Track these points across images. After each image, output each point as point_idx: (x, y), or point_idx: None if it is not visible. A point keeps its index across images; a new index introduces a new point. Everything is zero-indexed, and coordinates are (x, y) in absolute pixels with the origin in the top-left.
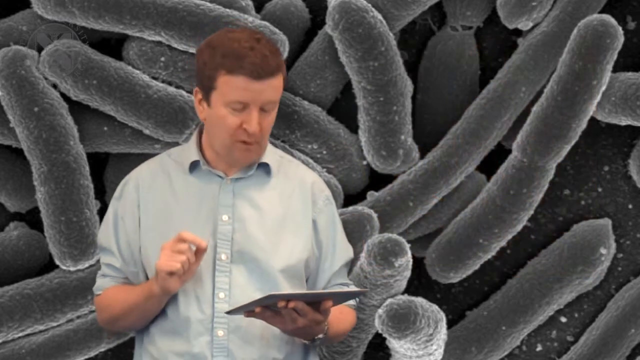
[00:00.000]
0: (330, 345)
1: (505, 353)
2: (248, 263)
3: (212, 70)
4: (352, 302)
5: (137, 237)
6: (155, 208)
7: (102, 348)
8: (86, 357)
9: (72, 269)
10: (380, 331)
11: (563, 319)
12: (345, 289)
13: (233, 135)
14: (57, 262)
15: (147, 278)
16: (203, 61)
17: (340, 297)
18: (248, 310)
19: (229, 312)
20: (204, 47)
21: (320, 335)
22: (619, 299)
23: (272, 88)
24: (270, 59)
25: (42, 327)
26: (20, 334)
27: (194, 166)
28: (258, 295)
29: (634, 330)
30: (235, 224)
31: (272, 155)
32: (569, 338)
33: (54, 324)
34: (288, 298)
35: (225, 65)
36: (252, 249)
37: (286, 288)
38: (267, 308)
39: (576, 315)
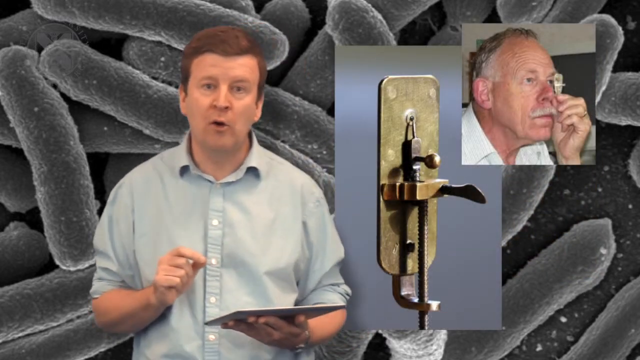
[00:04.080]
0: (330, 345)
1: (505, 353)
2: (238, 267)
3: (187, 59)
4: (341, 302)
5: (131, 241)
6: (148, 213)
7: (102, 348)
8: (86, 357)
9: (72, 269)
10: (380, 331)
11: (563, 319)
12: (321, 303)
13: (205, 117)
14: (57, 262)
15: (142, 281)
16: (183, 56)
17: (315, 311)
18: (222, 323)
19: (207, 323)
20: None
21: (302, 345)
22: (619, 299)
23: (242, 66)
24: (241, 39)
25: (42, 327)
26: (20, 334)
27: (184, 170)
28: (248, 299)
29: (634, 330)
30: (225, 228)
31: (261, 158)
32: (569, 338)
33: (54, 324)
34: (257, 314)
35: (196, 48)
36: (242, 253)
37: (274, 291)
38: (242, 321)
39: (576, 315)
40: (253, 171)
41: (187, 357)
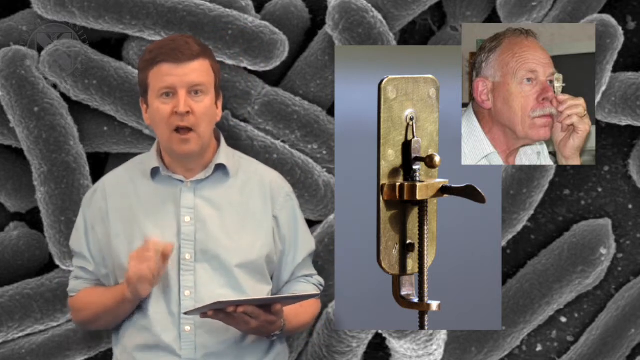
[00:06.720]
0: (330, 345)
1: (505, 353)
2: (211, 261)
3: (143, 72)
4: (316, 292)
5: (108, 243)
6: (122, 214)
7: (102, 348)
8: (86, 357)
9: (72, 269)
10: (380, 331)
11: (563, 319)
12: (296, 292)
13: (168, 124)
14: (57, 262)
15: (117, 280)
16: (138, 71)
17: (290, 299)
18: (202, 312)
19: (186, 313)
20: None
21: (277, 332)
22: (619, 299)
23: (196, 70)
24: (192, 45)
25: (42, 327)
26: (20, 334)
27: (155, 172)
28: (222, 291)
29: (634, 330)
30: (197, 224)
31: (229, 157)
32: (569, 338)
33: (54, 324)
34: (236, 304)
35: (150, 60)
36: (214, 247)
37: (247, 283)
38: (221, 311)
39: (576, 315)
40: (222, 169)
41: (165, 347)
